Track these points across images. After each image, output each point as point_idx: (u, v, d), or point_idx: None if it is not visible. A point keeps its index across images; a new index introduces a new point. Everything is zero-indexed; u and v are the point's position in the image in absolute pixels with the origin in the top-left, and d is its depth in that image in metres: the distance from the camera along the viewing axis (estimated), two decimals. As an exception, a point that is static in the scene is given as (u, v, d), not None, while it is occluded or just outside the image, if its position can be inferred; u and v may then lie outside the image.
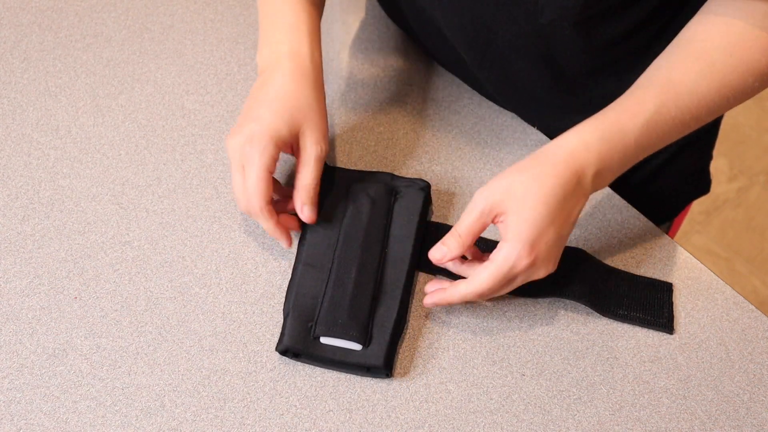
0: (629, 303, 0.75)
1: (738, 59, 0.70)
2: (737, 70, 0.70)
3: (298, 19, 0.78)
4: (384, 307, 0.71)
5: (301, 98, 0.74)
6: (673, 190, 0.98)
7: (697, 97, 0.70)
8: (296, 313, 0.70)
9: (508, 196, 0.68)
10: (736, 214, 2.01)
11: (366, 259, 0.73)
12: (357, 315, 0.70)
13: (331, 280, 0.72)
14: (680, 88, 0.70)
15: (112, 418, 0.67)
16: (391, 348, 0.70)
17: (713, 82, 0.70)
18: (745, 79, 0.70)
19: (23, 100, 0.86)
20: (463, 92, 0.91)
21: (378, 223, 0.75)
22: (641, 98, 0.70)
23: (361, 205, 0.76)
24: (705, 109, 0.71)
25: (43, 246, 0.76)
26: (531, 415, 0.69)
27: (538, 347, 0.73)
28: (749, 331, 0.75)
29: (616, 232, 0.81)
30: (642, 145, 0.70)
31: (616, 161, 0.70)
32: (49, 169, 0.81)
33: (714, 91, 0.70)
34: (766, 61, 0.70)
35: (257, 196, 0.71)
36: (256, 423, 0.67)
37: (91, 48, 0.92)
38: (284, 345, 0.69)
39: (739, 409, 0.70)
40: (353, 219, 0.75)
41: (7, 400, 0.67)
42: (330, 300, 0.71)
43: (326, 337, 0.69)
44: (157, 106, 0.87)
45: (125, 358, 0.70)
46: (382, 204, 0.77)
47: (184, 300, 0.73)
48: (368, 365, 0.69)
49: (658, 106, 0.69)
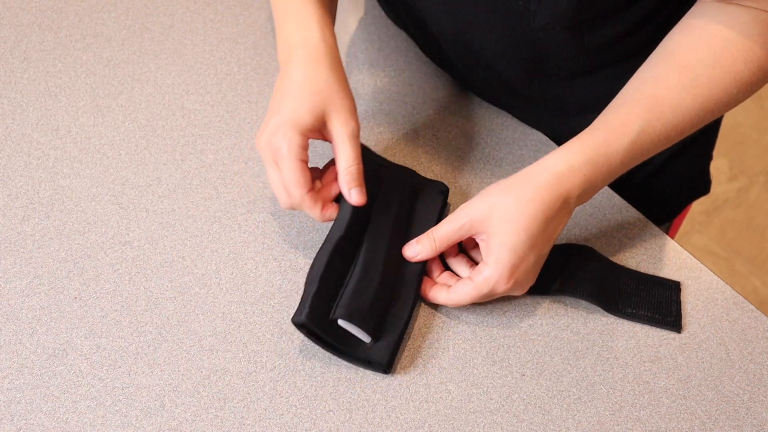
0: (637, 301, 0.75)
1: (721, 71, 0.70)
2: (722, 83, 0.70)
3: (305, 6, 0.76)
4: (398, 307, 0.72)
5: (320, 82, 0.72)
6: (673, 191, 0.98)
7: (681, 113, 0.71)
8: (322, 288, 0.69)
9: (490, 217, 0.69)
10: (736, 214, 2.01)
11: (392, 254, 0.73)
12: (377, 308, 0.71)
13: (358, 265, 0.72)
14: (664, 104, 0.70)
15: (112, 418, 0.67)
16: (396, 346, 0.70)
17: (697, 96, 0.71)
18: (728, 91, 0.71)
19: (23, 100, 0.86)
20: (463, 92, 0.91)
21: (402, 220, 0.76)
22: (627, 117, 0.71)
23: (390, 196, 0.76)
24: (689, 123, 0.72)
25: (43, 246, 0.76)
26: (531, 415, 0.69)
27: (538, 347, 0.73)
28: (749, 331, 0.75)
29: (616, 232, 0.81)
30: (626, 164, 0.71)
31: (601, 181, 0.71)
32: (49, 169, 0.81)
33: (698, 106, 0.71)
34: (749, 71, 0.70)
35: (295, 186, 0.70)
36: (256, 423, 0.67)
37: (91, 48, 0.92)
38: (302, 320, 0.68)
39: (739, 409, 0.70)
40: (382, 208, 0.75)
41: (7, 400, 0.67)
42: (355, 286, 0.71)
43: (344, 321, 0.69)
44: (157, 106, 0.87)
45: (125, 358, 0.70)
46: (406, 201, 0.77)
47: (184, 300, 0.73)
48: (372, 360, 0.69)
49: (643, 126, 0.70)
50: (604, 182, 0.72)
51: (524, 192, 0.69)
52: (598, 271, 0.76)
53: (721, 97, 0.71)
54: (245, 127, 0.86)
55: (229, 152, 0.84)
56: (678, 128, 0.71)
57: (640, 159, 0.72)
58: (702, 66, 0.70)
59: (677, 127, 0.71)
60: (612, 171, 0.71)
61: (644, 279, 0.77)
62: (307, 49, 0.74)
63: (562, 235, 0.80)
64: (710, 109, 0.71)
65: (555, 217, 0.69)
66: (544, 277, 0.74)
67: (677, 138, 0.73)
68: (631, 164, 0.72)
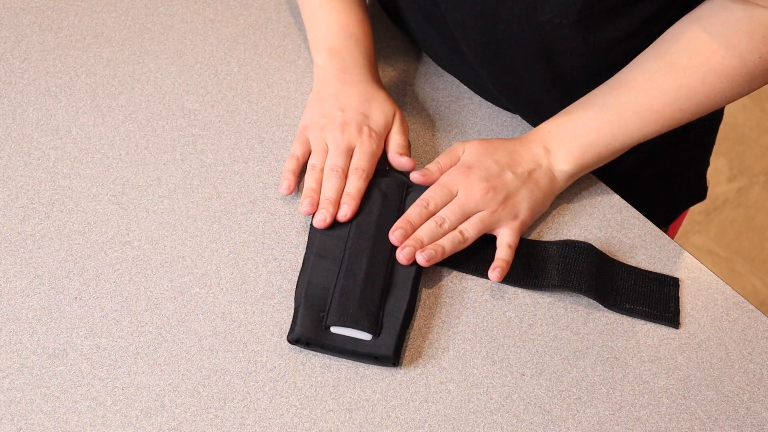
0: (635, 297, 0.75)
1: (698, 61, 0.73)
2: (698, 72, 0.73)
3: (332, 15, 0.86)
4: (395, 297, 0.72)
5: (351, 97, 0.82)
6: (670, 197, 0.98)
7: (652, 93, 0.75)
8: (308, 302, 0.71)
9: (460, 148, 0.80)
10: (736, 214, 2.01)
11: (377, 250, 0.74)
12: (367, 305, 0.71)
13: (342, 271, 0.73)
14: (634, 83, 0.76)
15: (112, 418, 0.67)
16: (400, 338, 0.70)
17: (669, 79, 0.74)
18: (705, 79, 0.73)
19: (23, 100, 0.86)
20: (463, 92, 0.91)
21: (390, 215, 0.76)
22: (596, 92, 0.79)
23: (373, 198, 0.77)
24: (662, 104, 0.75)
25: (43, 246, 0.76)
26: (531, 415, 0.69)
27: (538, 347, 0.73)
28: (749, 331, 0.75)
29: (616, 232, 0.81)
30: (597, 132, 0.78)
31: (569, 141, 0.79)
32: (49, 169, 0.81)
33: (670, 89, 0.75)
34: (729, 64, 0.72)
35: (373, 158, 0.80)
36: (256, 423, 0.67)
37: (91, 48, 0.92)
38: (296, 334, 0.69)
39: (739, 409, 0.70)
40: (365, 211, 0.76)
41: (7, 400, 0.67)
42: (341, 290, 0.71)
43: (337, 327, 0.70)
44: (157, 106, 0.87)
45: (125, 358, 0.70)
46: (394, 197, 0.78)
47: (184, 300, 0.73)
48: (378, 355, 0.69)
49: (609, 99, 0.77)
50: (573, 146, 0.79)
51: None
52: (596, 267, 0.76)
53: (697, 86, 0.74)
54: (245, 127, 0.86)
55: (229, 152, 0.84)
56: (652, 107, 0.76)
57: (615, 134, 0.78)
58: (679, 54, 0.74)
59: (651, 106, 0.76)
60: (577, 136, 0.78)
61: (642, 275, 0.77)
62: (337, 66, 0.86)
63: (562, 233, 0.80)
64: (687, 96, 0.74)
65: (518, 149, 0.79)
66: (542, 272, 0.75)
67: (662, 121, 0.77)
68: (604, 138, 0.78)
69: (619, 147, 0.79)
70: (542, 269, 0.75)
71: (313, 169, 0.78)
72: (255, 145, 0.84)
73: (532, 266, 0.76)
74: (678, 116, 0.76)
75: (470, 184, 0.76)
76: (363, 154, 0.78)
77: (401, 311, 0.71)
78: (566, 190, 0.82)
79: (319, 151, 0.79)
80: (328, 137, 0.79)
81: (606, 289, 0.75)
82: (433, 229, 0.74)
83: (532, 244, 0.78)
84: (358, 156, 0.78)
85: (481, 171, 0.77)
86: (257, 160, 0.83)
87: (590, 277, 0.75)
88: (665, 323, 0.74)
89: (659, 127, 0.77)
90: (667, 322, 0.74)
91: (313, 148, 0.80)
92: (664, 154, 0.93)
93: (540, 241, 0.78)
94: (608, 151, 0.79)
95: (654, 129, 0.77)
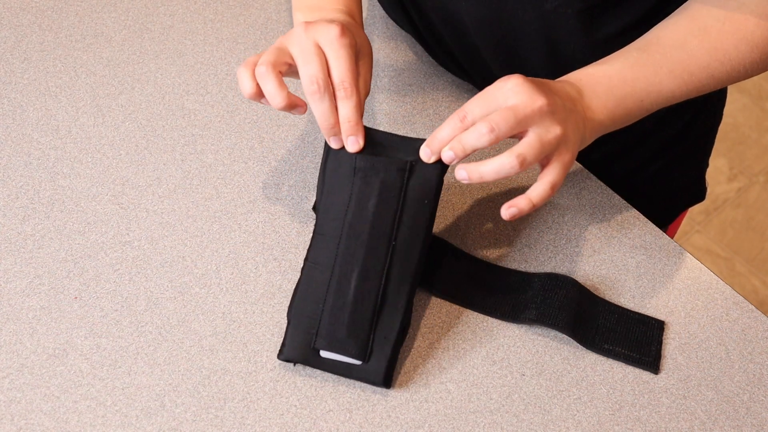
0: (615, 337, 0.72)
1: (731, 26, 0.71)
2: (732, 37, 0.71)
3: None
4: (387, 316, 0.69)
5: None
6: (669, 198, 0.98)
7: (687, 53, 0.72)
8: (296, 321, 0.69)
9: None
10: (736, 214, 2.01)
11: (369, 262, 0.68)
12: (356, 331, 0.68)
13: (332, 283, 0.69)
14: (667, 42, 0.72)
15: (112, 418, 0.67)
16: (391, 361, 0.69)
17: (704, 42, 0.71)
18: (738, 47, 0.71)
19: (23, 100, 0.86)
20: (463, 92, 0.91)
21: (386, 214, 0.69)
22: (624, 50, 0.73)
23: (369, 191, 0.69)
24: (696, 67, 0.72)
25: (43, 246, 0.76)
26: (531, 415, 0.69)
27: (538, 347, 0.73)
28: (749, 331, 0.75)
29: (616, 232, 0.81)
30: (630, 83, 0.72)
31: (603, 92, 0.71)
32: (49, 169, 0.81)
33: (704, 51, 0.72)
34: (761, 33, 0.71)
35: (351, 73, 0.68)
36: (256, 423, 0.67)
37: (91, 48, 0.92)
38: (285, 356, 0.69)
39: (739, 409, 0.70)
40: (358, 209, 0.69)
41: (7, 400, 0.67)
42: (330, 311, 0.68)
43: (325, 352, 0.69)
44: (157, 106, 0.87)
45: (125, 358, 0.70)
46: (393, 186, 0.69)
47: (184, 300, 0.73)
48: (369, 380, 0.68)
49: (643, 55, 0.72)
50: (607, 97, 0.71)
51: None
52: (576, 303, 0.73)
53: (730, 51, 0.71)
54: (245, 127, 0.86)
55: (229, 152, 0.84)
56: (686, 68, 0.72)
57: (649, 91, 0.72)
58: (712, 19, 0.71)
59: (685, 67, 0.72)
60: (612, 87, 0.72)
61: (626, 315, 0.74)
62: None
63: (562, 233, 0.80)
64: (720, 60, 0.72)
65: (555, 85, 0.69)
66: (519, 305, 0.73)
67: (694, 83, 0.73)
68: (639, 94, 0.72)
69: (648, 106, 0.74)
70: (518, 303, 0.73)
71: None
72: (255, 145, 0.84)
73: (511, 299, 0.74)
74: (707, 83, 0.73)
75: (527, 92, 0.64)
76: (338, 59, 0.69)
77: (393, 333, 0.68)
78: (566, 190, 0.82)
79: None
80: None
81: (585, 326, 0.73)
82: (482, 134, 0.64)
83: (514, 275, 0.76)
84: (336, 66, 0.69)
85: (536, 83, 0.66)
86: (257, 160, 0.83)
87: (568, 313, 0.72)
88: (644, 368, 0.71)
89: (689, 90, 0.73)
90: (646, 367, 0.71)
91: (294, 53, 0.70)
92: (664, 155, 0.93)
93: (523, 272, 0.76)
94: (639, 108, 0.73)
95: (684, 92, 0.73)
